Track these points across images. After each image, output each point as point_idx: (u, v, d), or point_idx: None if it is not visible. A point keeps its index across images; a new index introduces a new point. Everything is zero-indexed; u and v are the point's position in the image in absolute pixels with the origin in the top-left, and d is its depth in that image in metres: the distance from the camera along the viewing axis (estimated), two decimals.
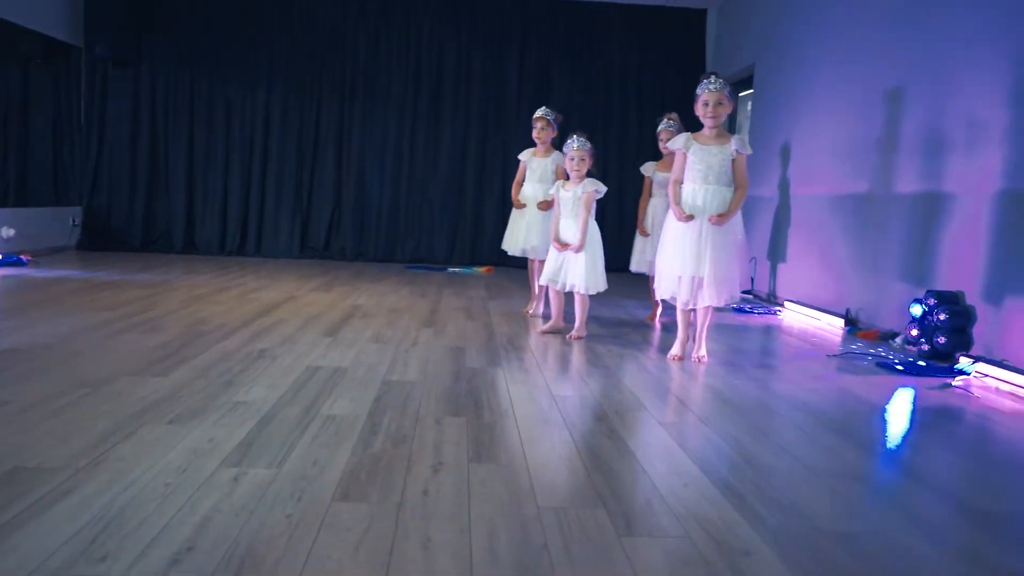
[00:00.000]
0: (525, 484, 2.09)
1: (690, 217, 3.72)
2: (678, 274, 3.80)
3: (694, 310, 3.89)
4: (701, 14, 8.78)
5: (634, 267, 5.18)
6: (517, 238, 5.15)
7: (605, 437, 2.57)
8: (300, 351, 3.64)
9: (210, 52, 8.39)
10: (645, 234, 5.06)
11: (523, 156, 5.21)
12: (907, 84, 4.86)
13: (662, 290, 3.94)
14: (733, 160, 3.72)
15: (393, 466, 2.18)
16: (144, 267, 6.92)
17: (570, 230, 4.38)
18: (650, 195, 5.12)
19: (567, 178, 4.51)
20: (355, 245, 8.60)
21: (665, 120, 5.03)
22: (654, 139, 5.28)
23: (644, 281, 5.33)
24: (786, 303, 6.04)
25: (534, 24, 8.65)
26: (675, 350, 3.92)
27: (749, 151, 3.76)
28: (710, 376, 3.57)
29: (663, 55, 8.70)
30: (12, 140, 7.44)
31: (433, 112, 8.63)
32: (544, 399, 3.02)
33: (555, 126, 5.07)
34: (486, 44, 8.64)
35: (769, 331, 5.08)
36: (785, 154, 6.58)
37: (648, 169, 5.14)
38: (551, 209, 4.78)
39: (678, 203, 3.77)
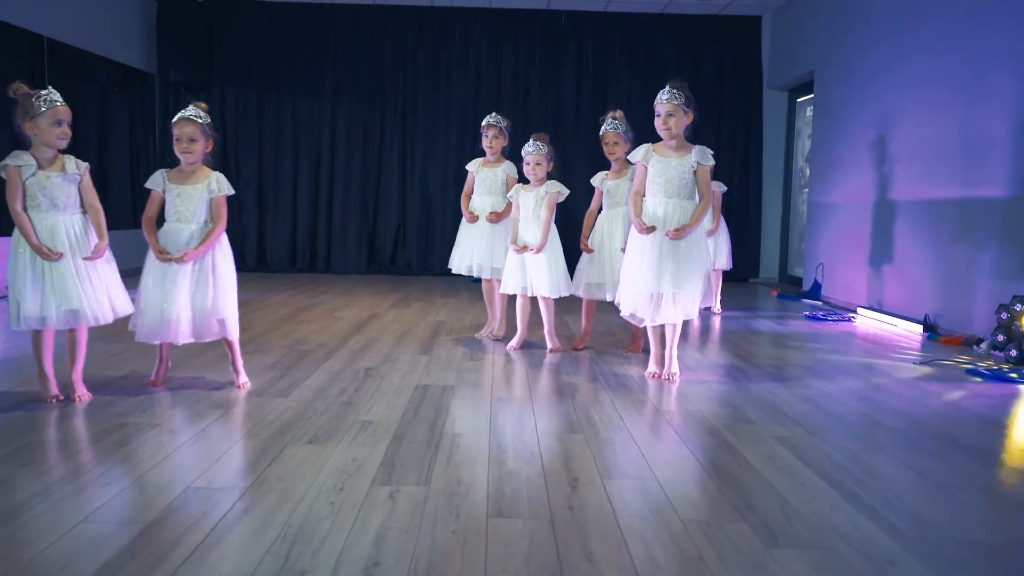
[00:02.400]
0: (661, 498, 2.20)
1: (651, 228, 3.58)
2: (639, 290, 3.65)
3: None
4: (756, 21, 8.83)
5: (573, 288, 4.37)
6: (464, 255, 4.73)
7: (723, 451, 2.67)
8: (403, 370, 3.79)
9: (277, 72, 8.67)
10: (588, 250, 4.36)
11: (471, 167, 4.77)
12: (988, 80, 4.84)
13: (623, 307, 3.75)
14: (694, 172, 3.66)
15: (532, 483, 2.30)
16: None
17: (531, 231, 4.25)
18: (600, 208, 4.45)
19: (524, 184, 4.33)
20: (421, 260, 8.79)
21: (610, 120, 4.32)
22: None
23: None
24: (859, 309, 6.06)
25: (589, 37, 8.77)
26: (651, 367, 3.80)
27: (711, 163, 3.67)
28: (803, 387, 3.64)
29: (719, 63, 8.77)
30: (92, 165, 7.66)
31: None
32: (650, 413, 3.13)
33: (507, 134, 4.67)
34: (543, 58, 8.78)
35: (847, 339, 5.12)
36: (852, 160, 6.60)
37: (598, 180, 4.41)
38: (500, 223, 4.58)
39: (639, 215, 3.65)
